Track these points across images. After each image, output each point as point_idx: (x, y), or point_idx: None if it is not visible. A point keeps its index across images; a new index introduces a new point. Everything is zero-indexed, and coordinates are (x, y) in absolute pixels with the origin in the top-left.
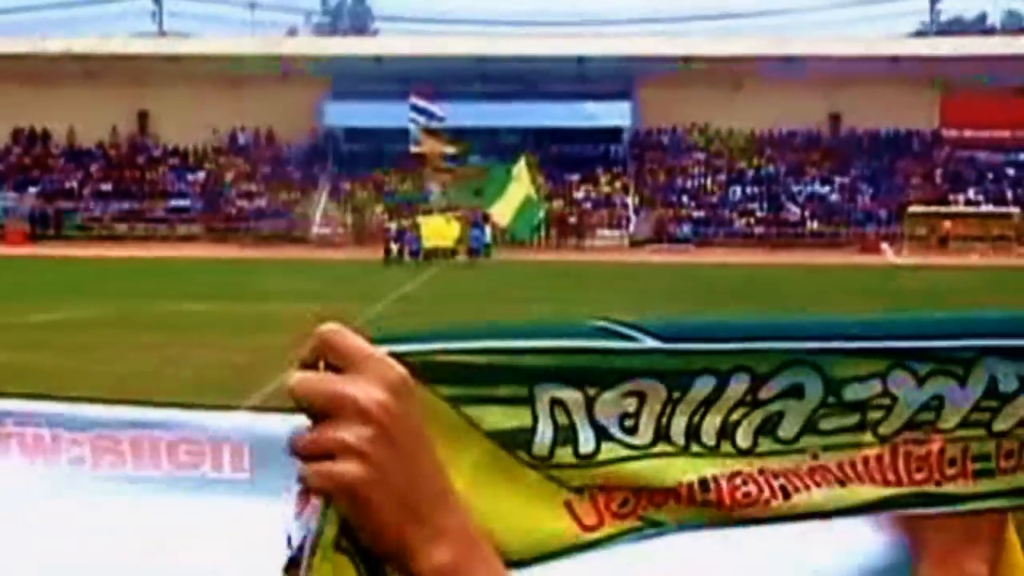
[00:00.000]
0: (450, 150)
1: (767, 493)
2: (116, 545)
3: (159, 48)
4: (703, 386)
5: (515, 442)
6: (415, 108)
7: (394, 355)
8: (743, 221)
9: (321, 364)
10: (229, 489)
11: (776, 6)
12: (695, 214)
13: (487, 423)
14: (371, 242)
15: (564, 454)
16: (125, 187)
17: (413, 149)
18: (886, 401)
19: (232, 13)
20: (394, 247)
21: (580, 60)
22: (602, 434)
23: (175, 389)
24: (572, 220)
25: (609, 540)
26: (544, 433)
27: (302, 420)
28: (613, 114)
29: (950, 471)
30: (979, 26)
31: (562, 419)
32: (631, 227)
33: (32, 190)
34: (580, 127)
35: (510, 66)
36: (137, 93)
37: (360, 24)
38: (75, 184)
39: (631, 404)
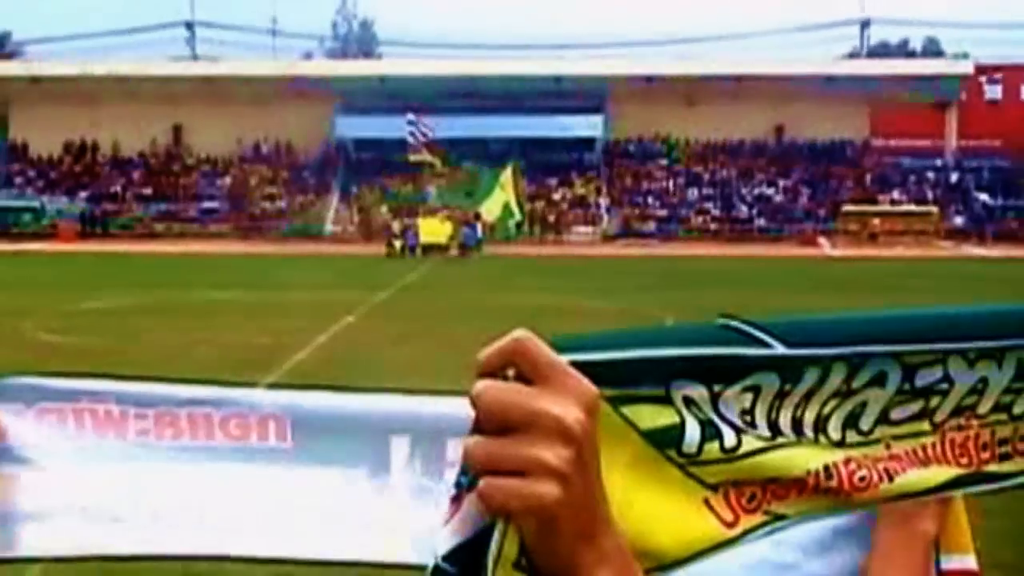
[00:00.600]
0: (436, 161)
1: (876, 477)
2: (176, 504)
3: (192, 70)
4: (810, 378)
5: (667, 440)
6: (410, 123)
7: (575, 363)
8: (700, 219)
9: (510, 373)
10: (272, 458)
11: (728, 32)
12: (658, 213)
13: (643, 422)
14: (377, 239)
15: (711, 449)
16: (162, 191)
17: (412, 158)
18: (945, 386)
19: (255, 39)
20: (396, 244)
21: (557, 79)
22: (737, 429)
23: (204, 366)
24: (551, 218)
25: (744, 536)
26: (693, 430)
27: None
28: (586, 126)
29: (984, 454)
30: (903, 50)
31: (701, 415)
32: (603, 224)
33: (82, 194)
34: (558, 137)
35: (497, 84)
36: (172, 109)
37: (366, 48)
38: (119, 189)
39: (748, 399)
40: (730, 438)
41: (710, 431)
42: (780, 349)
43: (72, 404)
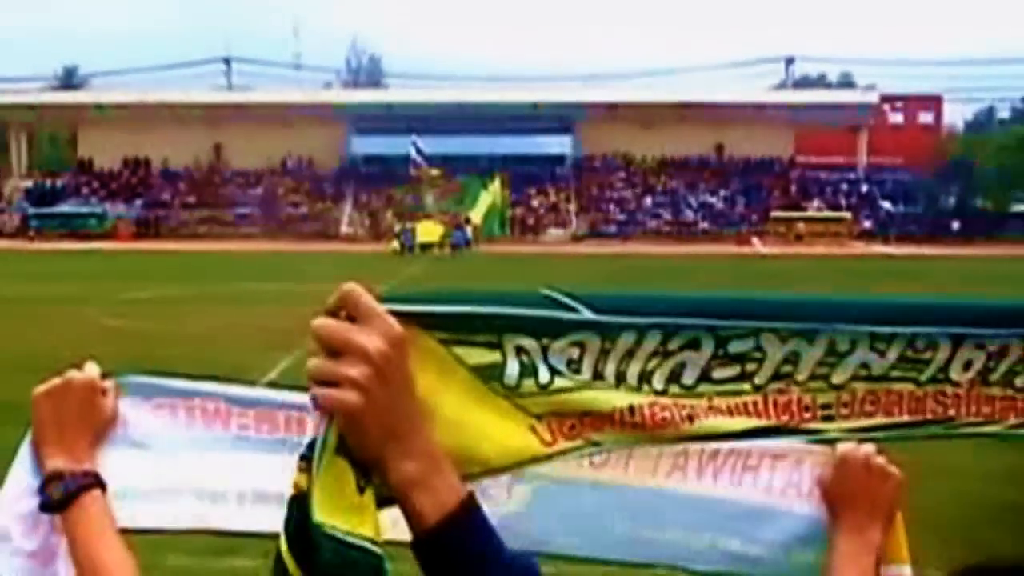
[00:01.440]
0: (435, 173)
1: (677, 418)
2: (267, 488)
3: (229, 98)
4: (627, 339)
5: (490, 375)
6: (414, 144)
7: (394, 312)
8: (653, 222)
9: (342, 313)
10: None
11: (676, 66)
12: (619, 217)
13: (469, 359)
14: (384, 239)
15: (528, 384)
16: (204, 199)
17: (413, 172)
18: (758, 354)
19: (282, 72)
20: (397, 243)
21: (534, 105)
22: (554, 371)
23: (237, 345)
24: (530, 222)
25: (562, 454)
26: (512, 368)
27: None
28: (558, 145)
29: (805, 414)
30: (822, 82)
31: (525, 359)
32: (572, 227)
33: (137, 202)
34: (535, 154)
35: (484, 109)
36: (213, 131)
37: (374, 79)
38: (168, 197)
39: (575, 351)
40: (544, 377)
41: (528, 370)
42: (588, 314)
43: (184, 400)
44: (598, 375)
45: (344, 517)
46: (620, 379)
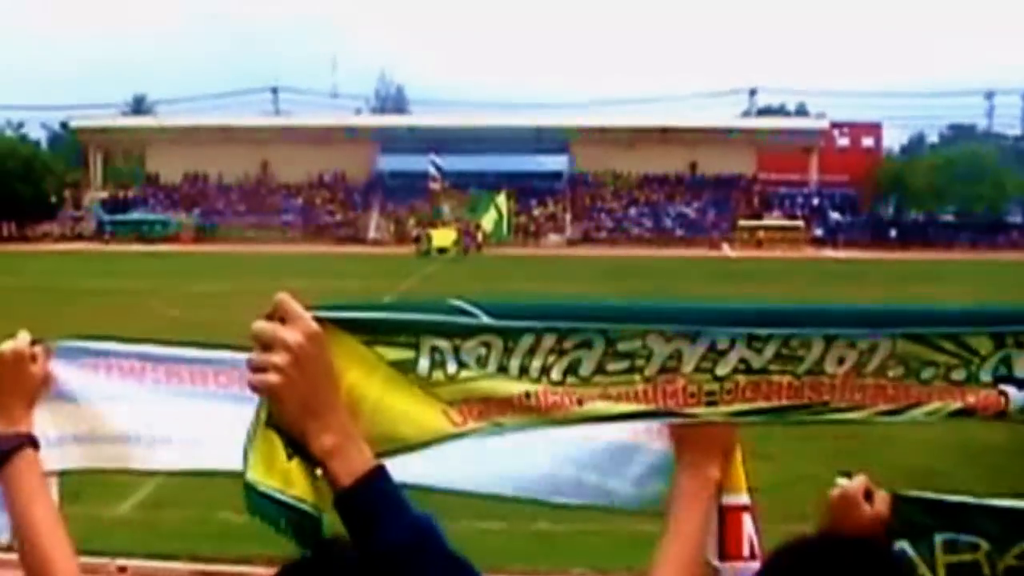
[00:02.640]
0: (447, 186)
1: (568, 402)
2: (177, 432)
3: (275, 122)
4: (526, 341)
5: (406, 368)
6: (432, 163)
7: (317, 318)
8: (636, 229)
9: (276, 317)
10: (249, 401)
11: (658, 96)
12: (608, 225)
13: (389, 356)
14: (406, 243)
15: (438, 375)
16: (253, 208)
17: (431, 186)
18: (645, 352)
19: (320, 100)
20: (416, 246)
21: (536, 129)
22: (462, 365)
23: None
24: (531, 229)
25: (471, 433)
26: (423, 363)
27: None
28: (556, 163)
29: (690, 400)
30: (780, 111)
31: (437, 356)
32: (568, 233)
33: (196, 210)
34: (536, 171)
35: (492, 132)
36: (260, 150)
37: (400, 106)
38: (222, 206)
39: (483, 350)
40: (452, 369)
41: (438, 364)
42: (485, 319)
43: (104, 359)
44: (502, 369)
45: (276, 478)
46: (523, 372)
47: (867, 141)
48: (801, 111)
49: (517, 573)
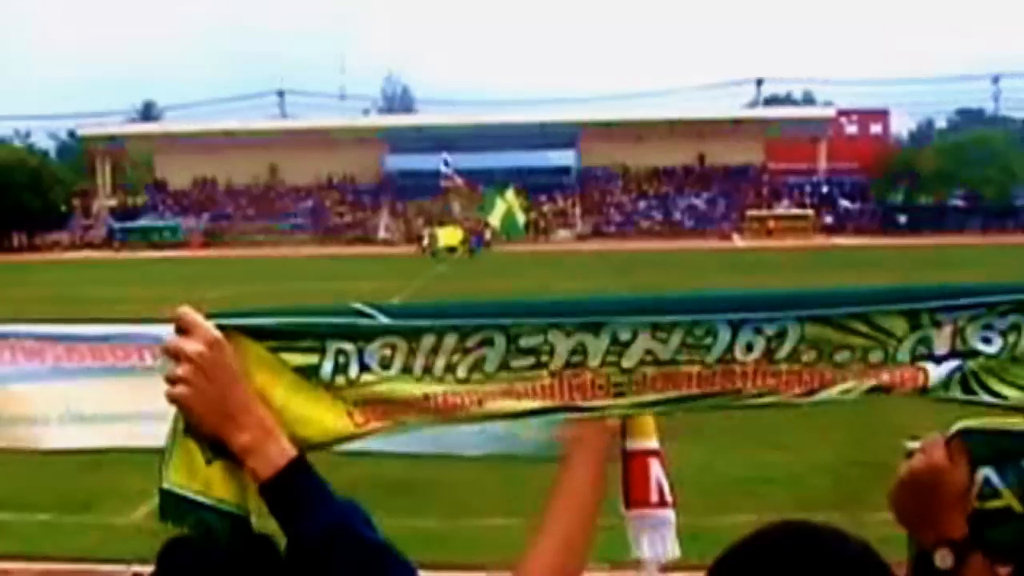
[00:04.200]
0: (460, 182)
1: (467, 403)
2: (77, 404)
3: (282, 125)
4: (428, 341)
5: (309, 373)
6: (444, 161)
7: (220, 325)
8: (646, 223)
9: (178, 331)
10: (148, 373)
11: (665, 89)
12: (617, 219)
13: (292, 362)
14: (416, 242)
15: (340, 380)
16: (262, 212)
17: (443, 183)
18: (548, 347)
19: (328, 102)
20: (423, 246)
21: (543, 125)
22: (364, 369)
23: None
24: (541, 224)
25: (374, 432)
26: (326, 368)
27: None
28: (564, 158)
29: (599, 392)
30: (788, 100)
31: (341, 360)
32: (577, 228)
33: (205, 215)
34: (544, 166)
35: (500, 129)
36: (268, 153)
37: (406, 106)
38: (231, 211)
39: (387, 351)
40: (353, 373)
41: (340, 369)
42: (383, 320)
43: (4, 341)
44: (407, 369)
45: (198, 482)
46: (426, 371)
47: (875, 128)
48: (808, 100)
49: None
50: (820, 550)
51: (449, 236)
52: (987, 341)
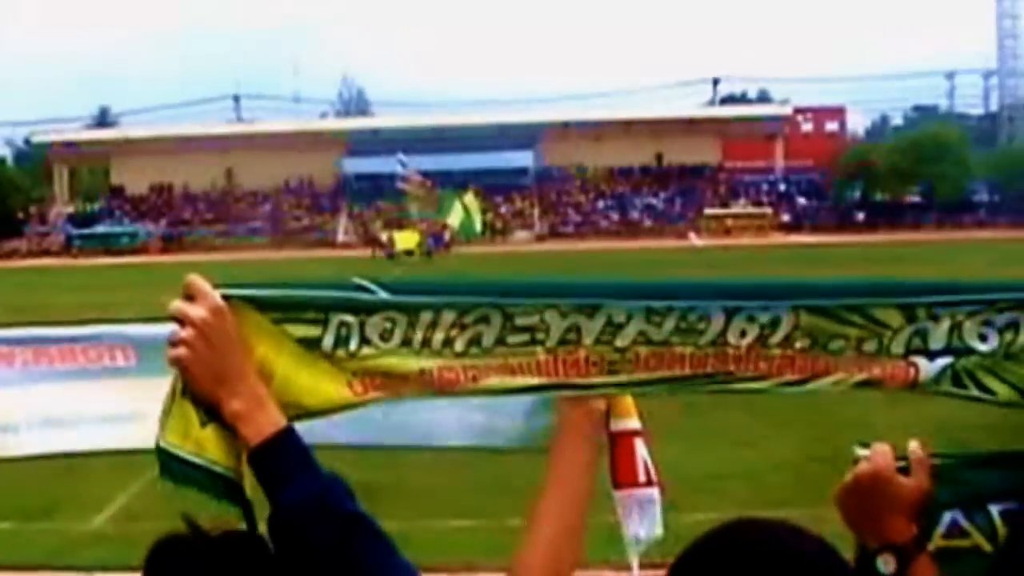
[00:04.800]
0: (418, 188)
1: (462, 378)
2: (47, 408)
3: (238, 129)
4: (426, 316)
5: (311, 344)
6: (399, 162)
7: (225, 296)
8: (605, 222)
9: (186, 297)
10: (120, 373)
11: (622, 89)
12: (576, 219)
13: (294, 334)
14: (371, 246)
15: (340, 352)
16: (220, 217)
17: (401, 185)
18: (543, 326)
19: (284, 105)
20: (379, 250)
21: (501, 126)
22: (364, 341)
23: None
24: (499, 225)
25: (373, 401)
26: (328, 340)
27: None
28: (522, 159)
29: (592, 369)
30: (744, 99)
31: (343, 332)
32: (536, 228)
33: (163, 221)
34: (502, 167)
35: (457, 131)
36: (225, 157)
37: (362, 108)
38: (189, 216)
39: (387, 324)
40: (354, 346)
41: (341, 341)
42: (383, 295)
43: None
44: (406, 342)
45: (191, 444)
46: (425, 344)
47: (831, 126)
48: (764, 98)
49: (493, 570)
50: (778, 548)
51: (406, 239)
52: (983, 339)
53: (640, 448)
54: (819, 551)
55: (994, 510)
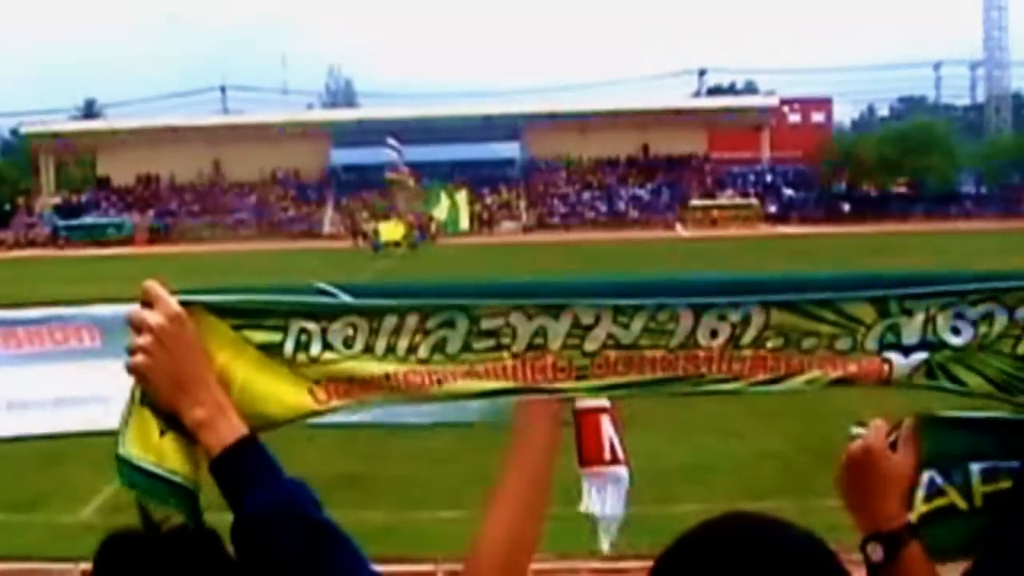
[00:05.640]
0: (410, 179)
1: (427, 382)
2: (14, 391)
3: (225, 120)
4: (389, 320)
5: (272, 350)
6: (391, 146)
7: (184, 301)
8: (591, 213)
9: (144, 303)
10: (88, 355)
11: (608, 80)
12: (562, 210)
13: (254, 340)
14: (354, 237)
15: (301, 358)
16: (207, 208)
17: (389, 176)
18: (509, 330)
19: (271, 97)
20: (362, 242)
21: (487, 117)
22: (326, 347)
23: None
24: (486, 216)
25: (336, 410)
26: (288, 346)
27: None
28: (508, 150)
29: (560, 375)
30: (730, 90)
31: (303, 338)
32: (523, 219)
33: (150, 212)
34: (488, 159)
35: (443, 122)
36: (212, 149)
37: (350, 100)
38: (176, 207)
39: (349, 330)
40: (315, 351)
41: (302, 347)
42: (346, 299)
43: None
44: (369, 349)
45: (151, 453)
46: (389, 351)
47: (817, 116)
48: (751, 89)
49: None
50: (765, 542)
51: (391, 230)
52: (957, 332)
53: (607, 426)
54: (808, 544)
55: (974, 468)
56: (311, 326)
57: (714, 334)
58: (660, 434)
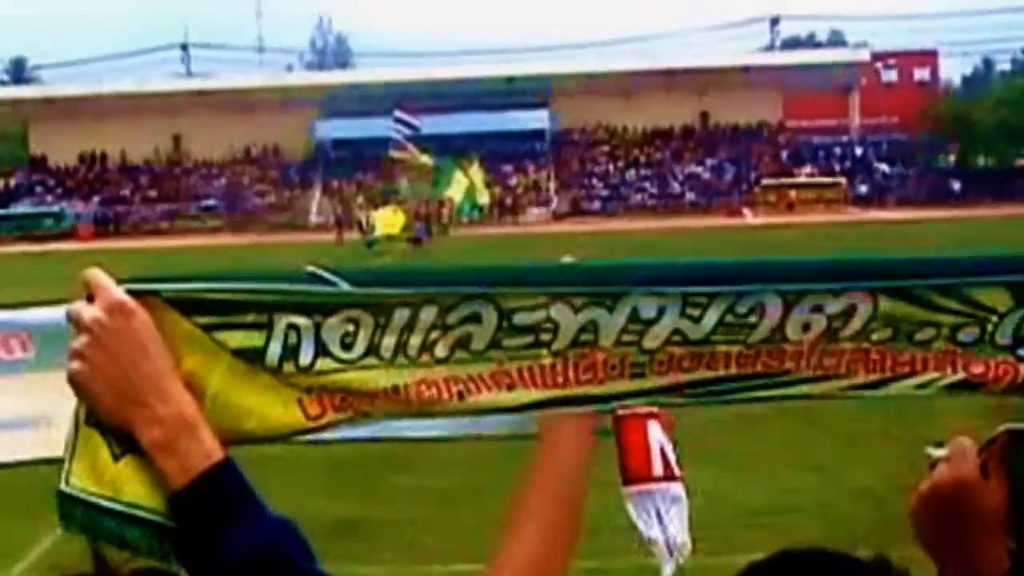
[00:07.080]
0: (421, 156)
1: (446, 394)
2: None
3: (187, 85)
4: (399, 315)
5: (253, 357)
6: (398, 120)
7: (131, 292)
8: (638, 196)
9: (86, 297)
10: (14, 368)
11: (657, 32)
12: (602, 193)
13: (231, 343)
14: (351, 228)
15: (288, 367)
16: (165, 193)
17: (393, 154)
18: (550, 325)
19: (243, 56)
20: (358, 233)
21: (509, 79)
22: (320, 351)
23: None
24: (508, 201)
25: (331, 426)
26: (273, 351)
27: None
28: (535, 120)
29: (612, 372)
30: (811, 42)
31: (291, 339)
32: (553, 205)
33: (95, 199)
34: (511, 131)
35: (456, 86)
36: (171, 121)
37: (342, 60)
38: (128, 192)
39: (350, 327)
40: (306, 359)
41: (289, 353)
42: (345, 287)
43: None
44: (373, 349)
45: (105, 485)
46: (399, 349)
47: (920, 74)
48: (836, 41)
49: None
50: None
51: (388, 221)
52: None
53: (655, 432)
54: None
55: None
56: (301, 321)
57: (806, 328)
58: (720, 468)
